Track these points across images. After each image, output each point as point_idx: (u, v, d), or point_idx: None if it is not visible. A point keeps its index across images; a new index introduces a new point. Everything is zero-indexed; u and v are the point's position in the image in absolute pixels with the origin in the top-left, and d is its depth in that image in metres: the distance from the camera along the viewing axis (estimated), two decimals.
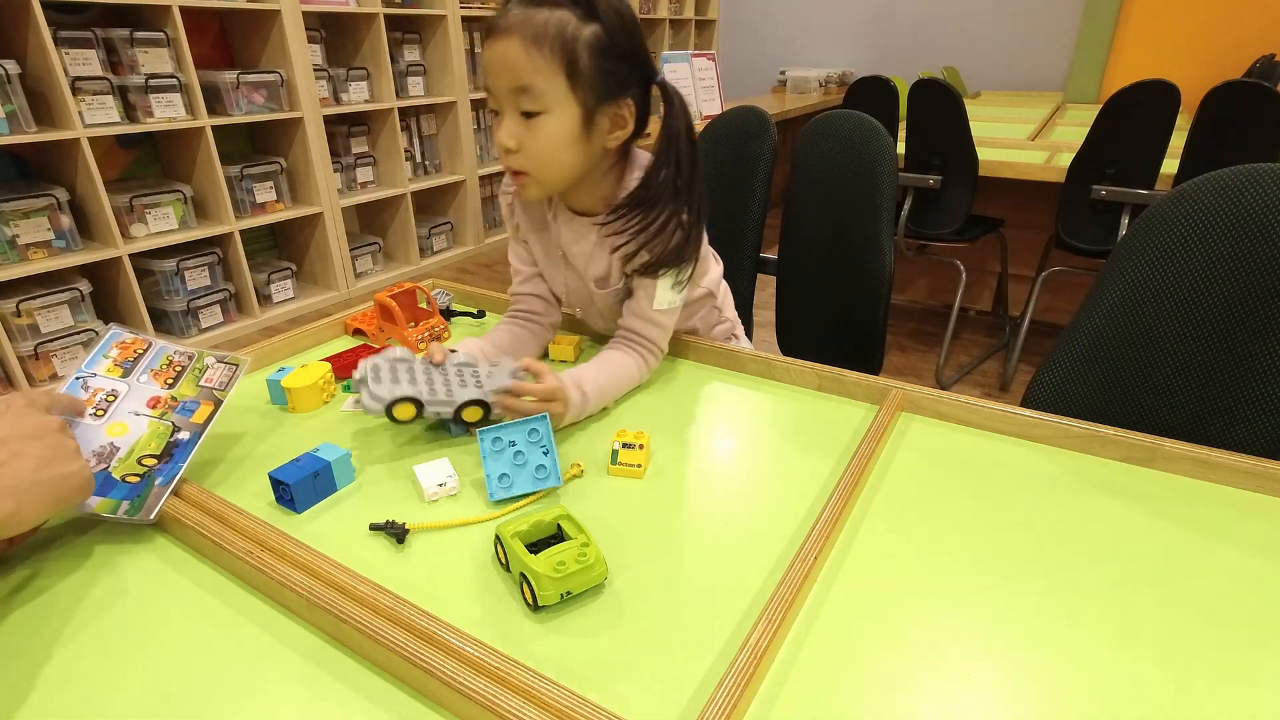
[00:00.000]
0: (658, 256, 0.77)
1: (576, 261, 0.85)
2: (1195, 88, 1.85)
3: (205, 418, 0.64)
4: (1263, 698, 0.43)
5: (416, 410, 0.67)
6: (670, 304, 0.81)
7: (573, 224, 0.84)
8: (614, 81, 0.72)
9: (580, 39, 0.69)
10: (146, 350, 0.68)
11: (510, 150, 0.72)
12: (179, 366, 0.68)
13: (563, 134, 0.72)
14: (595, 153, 0.75)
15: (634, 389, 0.81)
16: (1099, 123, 1.80)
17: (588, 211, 0.82)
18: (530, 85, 0.69)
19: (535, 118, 0.71)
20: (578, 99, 0.71)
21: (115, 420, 0.61)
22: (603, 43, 0.70)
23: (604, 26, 0.70)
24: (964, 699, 0.43)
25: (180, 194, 2.36)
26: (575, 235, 0.84)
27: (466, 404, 0.68)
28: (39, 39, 1.94)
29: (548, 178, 0.75)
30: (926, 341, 2.46)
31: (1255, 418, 0.71)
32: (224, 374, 0.69)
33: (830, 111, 1.15)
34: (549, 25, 0.68)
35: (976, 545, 0.56)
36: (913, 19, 4.48)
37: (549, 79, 0.69)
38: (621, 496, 0.63)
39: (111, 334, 0.68)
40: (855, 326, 1.14)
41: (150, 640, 0.48)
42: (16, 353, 2.04)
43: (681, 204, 0.77)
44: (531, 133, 0.71)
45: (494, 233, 3.64)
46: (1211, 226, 0.71)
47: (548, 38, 0.68)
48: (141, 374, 0.66)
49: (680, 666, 0.46)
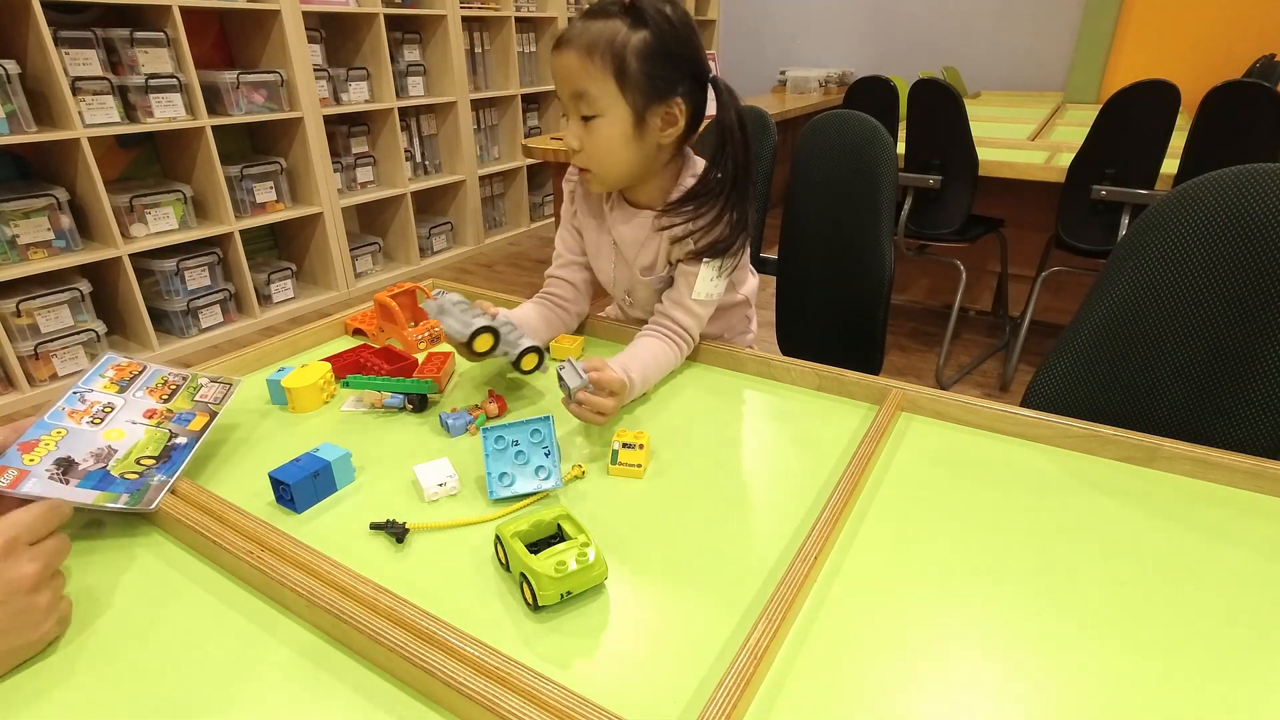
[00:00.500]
0: (706, 246, 0.83)
1: (627, 250, 0.91)
2: (1195, 88, 1.85)
3: (202, 426, 0.65)
4: (1263, 698, 0.43)
5: (493, 342, 0.75)
6: (708, 295, 0.85)
7: (628, 215, 0.89)
8: (662, 83, 0.78)
9: (629, 46, 0.75)
10: (141, 372, 0.69)
11: (575, 150, 0.80)
12: (174, 385, 0.69)
13: (617, 134, 0.78)
14: (650, 150, 0.82)
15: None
16: (1099, 123, 1.80)
17: (644, 205, 0.88)
18: (585, 91, 0.77)
19: (593, 120, 0.78)
20: (628, 101, 0.77)
21: (112, 427, 0.62)
22: (651, 48, 0.76)
23: (652, 32, 0.76)
24: (964, 699, 0.43)
25: (180, 194, 2.36)
26: (629, 226, 0.89)
27: (525, 351, 0.77)
28: (39, 39, 1.94)
29: (608, 174, 0.82)
30: (926, 341, 2.46)
31: (1255, 418, 0.71)
32: (218, 391, 0.70)
33: (830, 111, 1.15)
34: (601, 35, 0.75)
35: (976, 545, 0.56)
36: (913, 19, 4.47)
37: (601, 85, 0.76)
38: (622, 497, 0.63)
39: (107, 358, 0.69)
40: (855, 326, 1.14)
41: (150, 639, 0.48)
42: (16, 353, 2.04)
43: (733, 199, 0.82)
44: (591, 134, 0.78)
45: (494, 233, 3.64)
46: (1211, 226, 0.71)
47: (599, 47, 0.75)
48: (137, 390, 0.66)
49: (680, 666, 0.46)
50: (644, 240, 0.88)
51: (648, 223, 0.87)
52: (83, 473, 0.57)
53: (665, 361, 0.82)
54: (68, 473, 0.56)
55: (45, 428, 0.59)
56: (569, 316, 0.95)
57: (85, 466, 0.57)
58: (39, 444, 0.58)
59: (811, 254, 1.19)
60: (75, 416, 0.61)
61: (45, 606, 0.47)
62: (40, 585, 0.47)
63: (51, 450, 0.57)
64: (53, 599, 0.48)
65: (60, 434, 0.59)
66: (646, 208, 0.88)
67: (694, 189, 0.83)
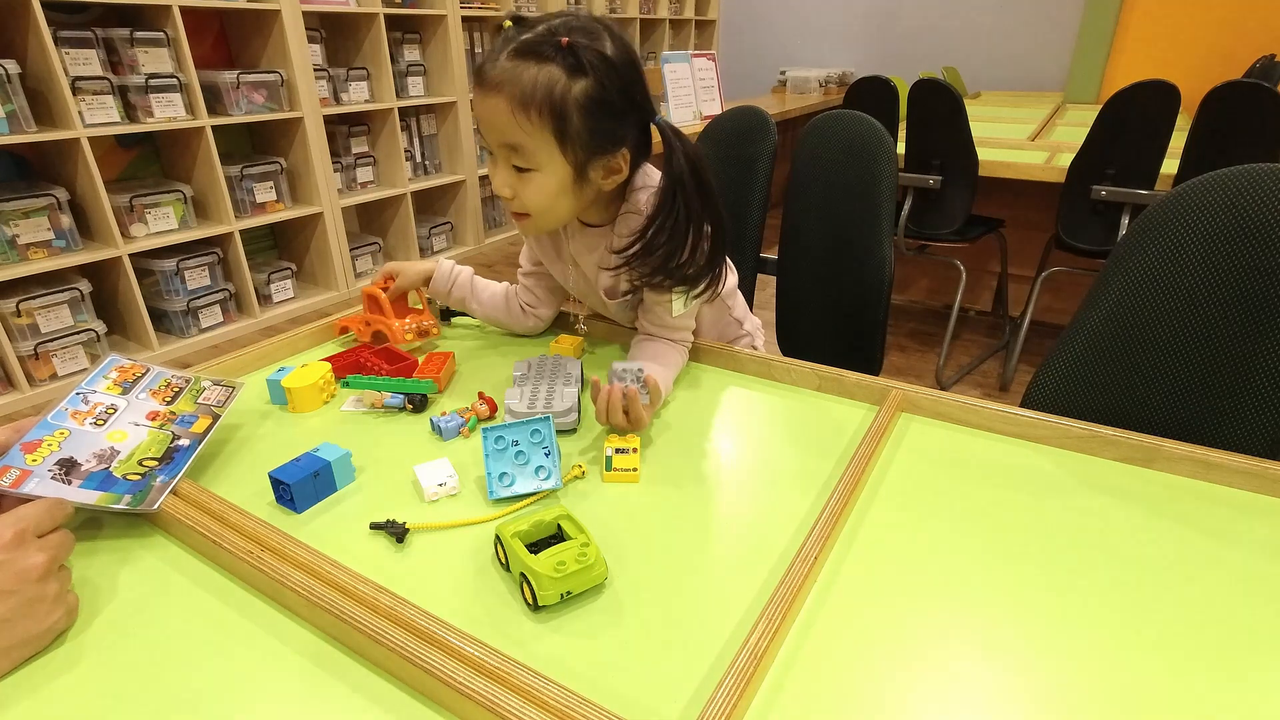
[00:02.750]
0: (662, 283, 0.77)
1: (588, 270, 0.87)
2: (1195, 88, 1.85)
3: (205, 428, 0.65)
4: (1263, 697, 0.43)
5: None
6: (687, 308, 0.83)
7: (583, 235, 0.85)
8: (605, 137, 0.71)
9: (570, 98, 0.67)
10: (144, 374, 0.69)
11: (506, 198, 0.74)
12: (176, 388, 0.69)
13: (554, 188, 0.72)
14: (590, 195, 0.76)
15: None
16: (1099, 123, 1.80)
17: (597, 223, 0.83)
18: (519, 144, 0.69)
19: (526, 172, 0.71)
20: (569, 159, 0.70)
21: (116, 428, 0.62)
22: (593, 99, 0.68)
23: (594, 80, 0.67)
24: (964, 699, 0.43)
25: (180, 194, 2.36)
26: (585, 246, 0.85)
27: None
28: (39, 39, 1.94)
29: (544, 221, 0.77)
30: (926, 341, 2.46)
31: (1255, 418, 0.71)
32: (220, 394, 0.70)
33: (830, 111, 1.15)
34: (537, 86, 0.66)
35: (976, 546, 0.56)
36: (913, 19, 4.48)
37: (538, 141, 0.69)
38: (622, 497, 0.63)
39: (110, 359, 0.69)
40: (855, 326, 1.14)
41: (150, 639, 0.48)
42: (16, 353, 2.04)
43: (683, 241, 0.74)
44: (524, 184, 0.72)
45: (494, 233, 3.64)
46: (1211, 226, 0.71)
47: (535, 100, 0.67)
48: (140, 392, 0.67)
49: (680, 666, 0.46)
50: (599, 261, 0.84)
51: (601, 238, 0.82)
52: (85, 473, 0.57)
53: (678, 364, 0.83)
54: (70, 473, 0.56)
55: (48, 428, 0.59)
56: (528, 320, 0.95)
57: (88, 467, 0.57)
58: (42, 444, 0.58)
59: (811, 254, 1.19)
60: (78, 417, 0.61)
61: (54, 596, 0.48)
62: (49, 575, 0.48)
63: (54, 450, 0.58)
64: (60, 590, 0.48)
65: (63, 435, 0.59)
66: (598, 225, 0.83)
67: (633, 244, 0.75)
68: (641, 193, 0.78)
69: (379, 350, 0.87)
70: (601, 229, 0.83)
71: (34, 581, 0.46)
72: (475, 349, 0.93)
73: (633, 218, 0.78)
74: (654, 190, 0.76)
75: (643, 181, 0.79)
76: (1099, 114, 1.80)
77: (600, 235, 0.83)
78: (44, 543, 0.48)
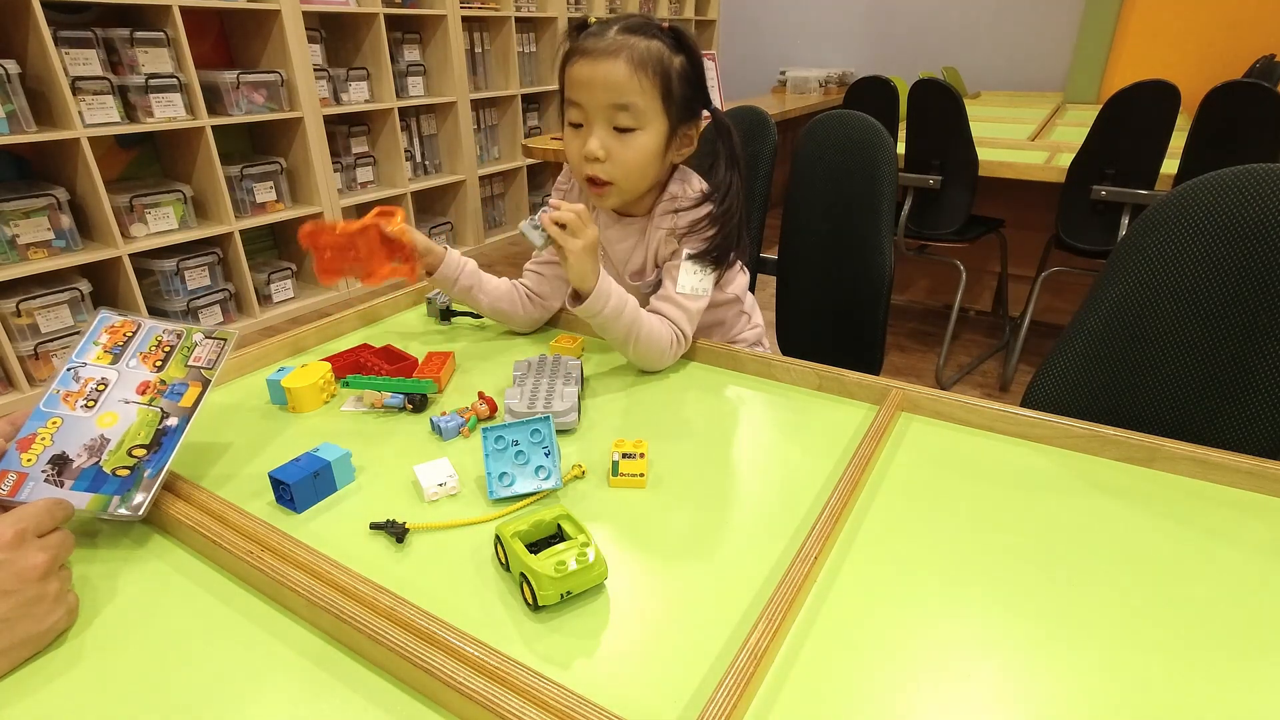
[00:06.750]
0: (698, 244, 0.86)
1: (616, 257, 0.94)
2: (1195, 88, 1.85)
3: (193, 400, 0.64)
4: (1263, 698, 0.43)
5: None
6: (694, 289, 0.86)
7: (616, 224, 0.92)
8: (692, 106, 0.84)
9: (673, 67, 0.80)
10: (136, 332, 0.68)
11: (599, 160, 0.81)
12: (168, 346, 0.67)
13: (651, 148, 0.82)
14: (667, 166, 0.86)
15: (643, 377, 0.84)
16: (1099, 123, 1.80)
17: (632, 214, 0.91)
18: (632, 104, 0.79)
19: (630, 133, 0.80)
20: (668, 119, 0.81)
21: (106, 410, 0.62)
22: (688, 72, 0.82)
23: (689, 59, 0.82)
24: (964, 699, 0.43)
25: (180, 194, 2.36)
26: (618, 234, 0.92)
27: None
28: (39, 39, 1.94)
29: (630, 186, 0.85)
30: (926, 341, 2.46)
31: (1255, 418, 0.71)
32: (212, 350, 0.68)
33: (830, 111, 1.15)
34: (650, 52, 0.79)
35: (976, 545, 0.56)
36: (913, 19, 4.47)
37: (649, 99, 0.79)
38: (621, 497, 0.63)
39: (101, 318, 0.68)
40: (855, 326, 1.14)
41: (150, 640, 0.48)
42: (16, 353, 2.04)
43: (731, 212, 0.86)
44: (624, 145, 0.81)
45: (494, 233, 3.64)
46: (1211, 226, 0.71)
47: (649, 63, 0.78)
48: (131, 358, 0.66)
49: (680, 666, 0.46)
50: (633, 246, 0.91)
51: (635, 229, 0.90)
52: (77, 471, 0.57)
53: (652, 328, 0.81)
54: (62, 473, 0.57)
55: (41, 418, 0.59)
56: (535, 310, 0.96)
57: (79, 464, 0.57)
58: (35, 439, 0.58)
59: (811, 254, 1.19)
60: (70, 400, 0.61)
61: (55, 596, 0.48)
62: (49, 575, 0.48)
63: (48, 446, 0.58)
64: (61, 589, 0.48)
65: (56, 424, 0.59)
66: (632, 215, 0.91)
67: (709, 194, 0.86)
68: (675, 185, 0.89)
69: (379, 350, 0.87)
70: (637, 220, 0.91)
71: (34, 581, 0.46)
72: (475, 349, 0.93)
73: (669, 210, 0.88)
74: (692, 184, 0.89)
75: (681, 177, 0.90)
76: (1099, 114, 1.80)
77: (636, 226, 0.91)
78: (44, 542, 0.48)
